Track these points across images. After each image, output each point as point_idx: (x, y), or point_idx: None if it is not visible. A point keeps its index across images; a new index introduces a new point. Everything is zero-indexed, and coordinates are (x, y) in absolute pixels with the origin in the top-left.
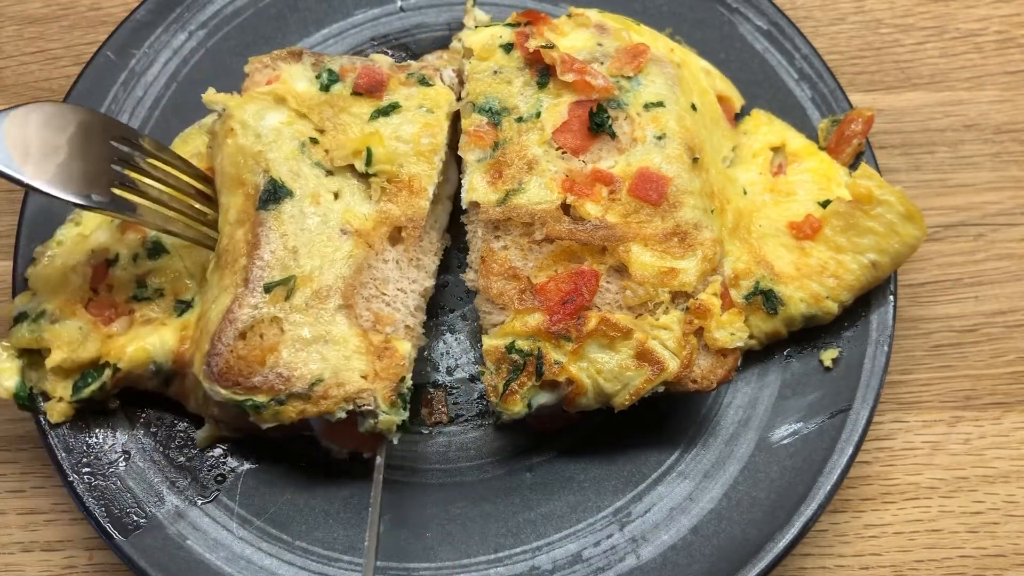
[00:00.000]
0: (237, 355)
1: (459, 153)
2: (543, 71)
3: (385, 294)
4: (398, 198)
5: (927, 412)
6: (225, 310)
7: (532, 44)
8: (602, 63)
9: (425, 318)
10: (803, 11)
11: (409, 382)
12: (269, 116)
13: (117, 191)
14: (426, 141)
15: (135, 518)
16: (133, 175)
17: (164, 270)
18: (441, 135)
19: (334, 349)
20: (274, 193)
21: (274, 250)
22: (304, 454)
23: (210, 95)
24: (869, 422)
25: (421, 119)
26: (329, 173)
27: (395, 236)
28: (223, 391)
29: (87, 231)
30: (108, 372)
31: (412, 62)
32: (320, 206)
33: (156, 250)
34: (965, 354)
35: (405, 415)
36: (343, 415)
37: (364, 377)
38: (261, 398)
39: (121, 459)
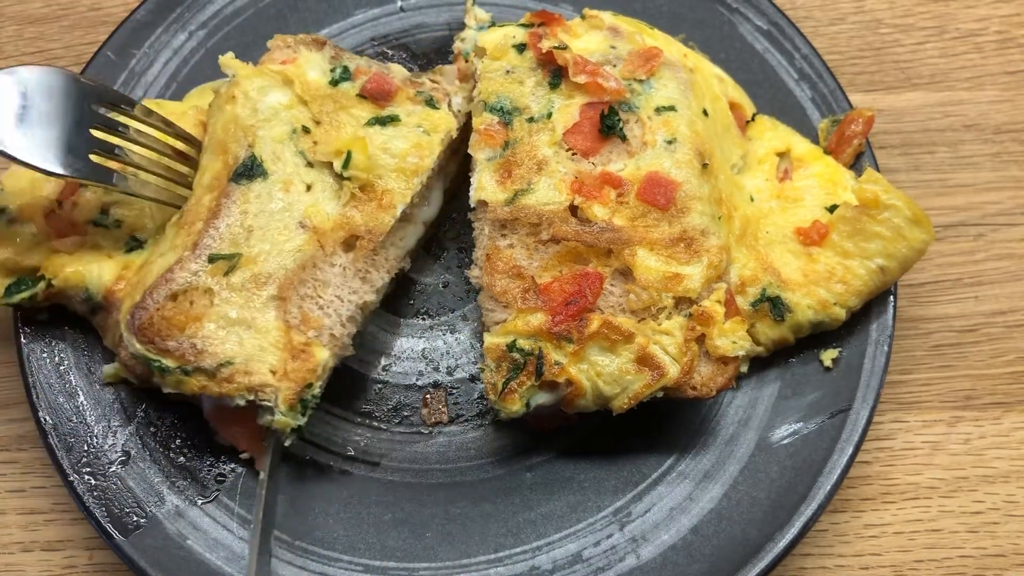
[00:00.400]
0: (162, 315)
1: (469, 151)
2: (555, 72)
3: (321, 297)
4: (365, 207)
5: (927, 412)
6: (167, 268)
7: (545, 45)
8: (615, 66)
9: (355, 331)
10: (803, 11)
11: (317, 390)
12: (272, 94)
13: (94, 158)
14: (412, 160)
15: (135, 518)
16: (112, 139)
17: (130, 205)
18: (430, 159)
19: (253, 337)
20: (250, 169)
21: (230, 224)
22: (304, 454)
23: (227, 59)
24: (869, 422)
25: (415, 138)
26: (309, 165)
27: (350, 243)
28: (138, 345)
29: None
30: (42, 285)
31: (427, 80)
32: (289, 194)
33: None
34: (965, 354)
35: (302, 421)
36: (242, 403)
37: (273, 372)
38: (170, 362)
39: (121, 459)
